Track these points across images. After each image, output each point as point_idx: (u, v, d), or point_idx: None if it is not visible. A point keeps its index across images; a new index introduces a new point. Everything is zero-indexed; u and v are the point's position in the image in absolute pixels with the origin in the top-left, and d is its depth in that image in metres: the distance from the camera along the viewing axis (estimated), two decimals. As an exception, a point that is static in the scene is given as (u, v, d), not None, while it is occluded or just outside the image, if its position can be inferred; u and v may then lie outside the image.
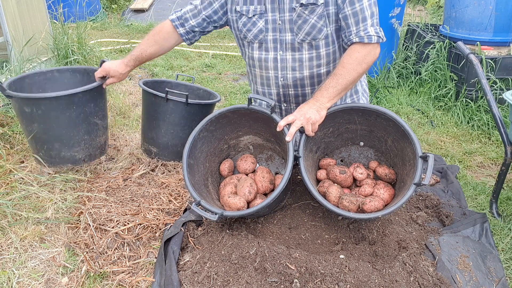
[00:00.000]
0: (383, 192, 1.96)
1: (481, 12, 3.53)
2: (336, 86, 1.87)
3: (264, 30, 2.01)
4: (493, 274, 1.76)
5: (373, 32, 1.89)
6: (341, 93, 1.90)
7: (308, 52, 2.02)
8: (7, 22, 3.27)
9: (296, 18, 1.95)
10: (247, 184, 1.97)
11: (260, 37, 2.03)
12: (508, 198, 2.38)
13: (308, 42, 1.99)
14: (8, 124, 2.65)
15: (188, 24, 2.15)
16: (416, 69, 4.16)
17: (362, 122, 2.05)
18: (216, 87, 4.29)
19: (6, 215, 2.00)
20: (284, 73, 2.08)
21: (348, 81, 1.88)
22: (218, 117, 2.07)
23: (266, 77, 2.13)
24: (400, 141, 1.97)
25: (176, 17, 2.16)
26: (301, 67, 2.06)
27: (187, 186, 1.90)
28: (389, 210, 1.73)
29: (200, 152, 2.09)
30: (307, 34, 1.97)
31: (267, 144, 2.25)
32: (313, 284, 1.59)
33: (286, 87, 2.13)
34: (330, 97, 1.87)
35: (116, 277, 1.77)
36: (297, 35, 1.98)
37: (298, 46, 2.01)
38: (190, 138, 2.02)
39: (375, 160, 2.16)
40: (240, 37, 2.12)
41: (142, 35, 6.33)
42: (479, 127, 3.32)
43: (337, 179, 2.01)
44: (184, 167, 1.94)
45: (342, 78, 1.87)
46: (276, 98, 2.19)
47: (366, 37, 1.88)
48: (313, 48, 2.01)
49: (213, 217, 1.73)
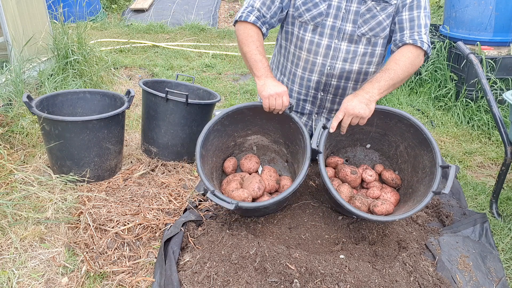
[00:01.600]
0: (390, 196, 1.96)
1: (481, 12, 3.53)
2: (388, 80, 1.83)
3: (325, 14, 1.97)
4: (493, 274, 1.76)
5: (426, 40, 1.91)
6: (390, 89, 1.86)
7: (364, 47, 2.01)
8: (7, 22, 3.27)
9: (364, 11, 1.94)
10: (256, 180, 1.96)
11: (318, 20, 1.98)
12: (508, 198, 2.38)
13: (368, 37, 1.98)
14: (8, 124, 2.65)
15: (267, 19, 2.01)
16: (416, 69, 4.16)
17: (379, 125, 2.04)
18: (216, 87, 4.29)
19: (6, 215, 2.00)
20: (333, 62, 2.05)
21: (399, 78, 1.85)
22: (234, 112, 2.05)
23: (312, 62, 2.07)
24: (416, 148, 1.97)
25: (256, 18, 1.97)
26: (353, 60, 2.04)
27: (201, 175, 1.86)
28: (405, 214, 1.73)
29: (211, 145, 2.08)
30: (370, 30, 1.96)
31: (273, 146, 2.25)
32: (313, 284, 1.59)
33: (330, 76, 2.09)
34: (381, 90, 1.82)
35: (116, 277, 1.77)
36: (359, 28, 1.97)
37: (357, 39, 1.99)
38: (205, 129, 1.99)
39: (380, 164, 2.15)
40: (294, 15, 2.04)
41: (142, 35, 6.33)
42: (479, 127, 3.32)
43: (347, 178, 2.01)
44: (197, 157, 1.91)
45: (394, 73, 1.84)
46: (315, 86, 2.14)
47: (419, 41, 1.90)
48: (371, 44, 2.01)
49: (230, 206, 1.71)
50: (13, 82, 2.95)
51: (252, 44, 1.93)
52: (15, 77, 2.97)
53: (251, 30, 1.96)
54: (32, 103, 2.26)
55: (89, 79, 3.68)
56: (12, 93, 2.87)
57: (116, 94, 2.56)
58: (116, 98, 2.55)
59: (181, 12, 7.35)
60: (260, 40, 1.97)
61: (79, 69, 3.64)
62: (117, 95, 2.55)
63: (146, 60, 5.10)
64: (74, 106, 2.56)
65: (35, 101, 2.30)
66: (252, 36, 1.95)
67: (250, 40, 1.94)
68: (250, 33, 1.96)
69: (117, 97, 2.54)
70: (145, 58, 5.20)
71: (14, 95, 2.86)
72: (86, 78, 3.65)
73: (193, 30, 6.61)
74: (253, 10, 1.98)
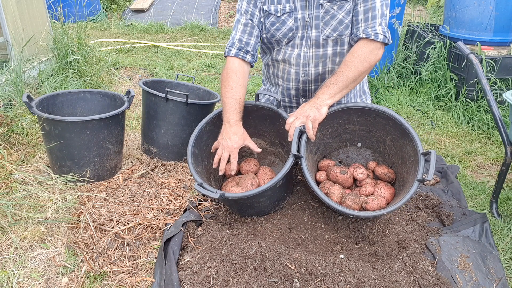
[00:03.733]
0: (383, 191, 1.97)
1: (481, 12, 3.53)
2: (337, 84, 1.88)
3: (294, 28, 2.01)
4: (493, 274, 1.76)
5: (380, 30, 1.90)
6: (342, 91, 1.90)
7: (332, 48, 2.03)
8: (7, 22, 3.27)
9: (323, 14, 1.95)
10: (250, 177, 2.01)
11: (290, 35, 2.03)
12: (508, 198, 2.38)
13: (334, 38, 2.00)
14: (8, 124, 2.65)
15: (250, 47, 2.05)
16: (416, 69, 4.16)
17: (361, 122, 2.06)
18: (216, 87, 4.29)
19: (6, 215, 2.00)
20: (305, 69, 2.08)
21: (349, 79, 1.88)
22: None
23: (288, 71, 2.13)
24: (400, 139, 1.97)
25: (237, 50, 2.04)
26: (324, 63, 2.07)
27: (190, 168, 1.91)
28: (393, 207, 1.74)
29: (206, 146, 2.10)
30: (333, 30, 1.97)
31: (271, 148, 2.25)
32: (313, 284, 1.59)
33: (307, 83, 2.13)
34: (331, 94, 1.88)
35: (116, 277, 1.77)
36: (323, 31, 1.98)
37: (323, 42, 2.01)
38: (196, 128, 2.06)
39: (373, 161, 2.16)
40: (267, 36, 2.09)
41: (142, 35, 6.33)
42: (479, 127, 3.32)
43: (337, 179, 2.01)
44: (188, 153, 1.97)
45: (343, 76, 1.88)
46: (295, 93, 2.19)
47: (372, 34, 1.89)
48: (338, 44, 2.02)
49: (215, 195, 1.74)
50: (13, 82, 2.95)
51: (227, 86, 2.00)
52: (15, 77, 2.97)
53: (233, 65, 2.04)
54: (32, 103, 2.26)
55: (89, 79, 3.68)
56: (12, 93, 2.87)
57: (116, 94, 2.56)
58: (116, 98, 2.55)
59: (181, 12, 7.35)
60: (239, 76, 2.01)
61: (79, 69, 3.64)
62: (117, 95, 2.55)
63: (146, 60, 5.10)
64: (74, 106, 2.56)
65: (35, 101, 2.30)
66: (229, 76, 2.01)
67: (226, 82, 2.01)
68: (228, 73, 2.02)
69: (117, 97, 2.54)
70: (145, 58, 5.20)
71: (14, 95, 2.86)
72: (86, 78, 3.64)
73: (193, 30, 6.61)
74: (233, 44, 2.06)
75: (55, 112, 2.45)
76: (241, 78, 2.02)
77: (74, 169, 2.32)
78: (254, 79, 4.54)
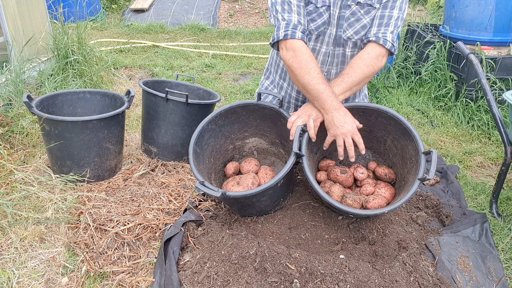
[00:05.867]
0: (384, 191, 1.97)
1: (481, 12, 3.53)
2: (341, 85, 1.89)
3: (327, 23, 1.98)
4: (493, 274, 1.76)
5: (389, 38, 1.91)
6: (346, 93, 1.91)
7: (351, 50, 2.03)
8: (7, 22, 3.27)
9: (349, 15, 1.94)
10: (250, 177, 2.02)
11: (321, 29, 1.99)
12: (508, 198, 2.38)
13: (354, 41, 2.00)
14: (8, 124, 2.65)
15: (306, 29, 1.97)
16: (416, 69, 4.16)
17: (362, 122, 2.06)
18: (216, 87, 4.29)
19: (6, 215, 2.00)
20: (330, 67, 2.08)
21: (354, 81, 1.89)
22: (227, 111, 2.07)
23: None
24: (401, 139, 1.97)
25: (302, 33, 1.89)
26: (343, 63, 2.07)
27: (192, 166, 1.91)
28: (394, 205, 1.74)
29: (207, 145, 2.10)
30: (355, 33, 1.97)
31: (272, 148, 2.25)
32: (313, 284, 1.59)
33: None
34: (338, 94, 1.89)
35: (116, 277, 1.77)
36: (345, 32, 1.98)
37: (343, 42, 2.01)
38: (198, 127, 2.06)
39: (374, 161, 2.16)
40: None
41: (142, 35, 6.33)
42: (479, 127, 3.32)
43: (338, 179, 2.02)
44: (190, 152, 1.97)
45: (348, 77, 1.89)
46: None
47: (382, 39, 1.91)
48: (357, 47, 2.03)
49: (217, 193, 1.74)
50: (13, 82, 2.95)
51: (313, 71, 1.83)
52: (15, 77, 2.97)
53: (305, 49, 1.87)
54: (32, 103, 2.26)
55: (89, 79, 3.67)
56: (12, 93, 2.87)
57: (116, 94, 2.56)
58: (116, 98, 2.55)
59: (181, 12, 7.35)
60: (315, 59, 1.89)
61: (79, 69, 3.64)
62: (117, 95, 2.55)
63: (146, 60, 5.10)
64: (74, 106, 2.56)
65: (35, 101, 2.30)
66: (307, 60, 1.84)
67: (307, 67, 1.84)
68: (304, 57, 1.85)
69: (117, 97, 2.54)
70: (145, 58, 5.20)
71: (14, 95, 2.86)
72: (86, 78, 3.64)
73: (193, 30, 6.61)
74: (296, 26, 1.87)
75: (55, 112, 2.45)
76: (318, 65, 1.90)
77: (74, 169, 2.31)
78: (254, 79, 4.54)
